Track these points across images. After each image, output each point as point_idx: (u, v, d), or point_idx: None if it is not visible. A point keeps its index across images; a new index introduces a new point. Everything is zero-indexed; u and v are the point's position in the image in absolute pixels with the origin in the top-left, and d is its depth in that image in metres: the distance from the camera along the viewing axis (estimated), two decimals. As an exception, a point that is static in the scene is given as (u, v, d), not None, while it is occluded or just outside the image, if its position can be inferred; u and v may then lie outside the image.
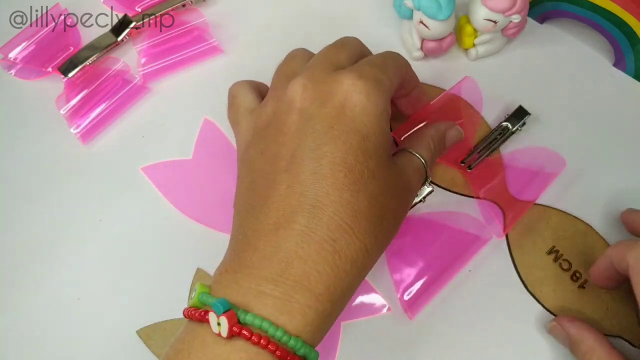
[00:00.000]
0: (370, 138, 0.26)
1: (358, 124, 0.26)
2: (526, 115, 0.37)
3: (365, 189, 0.25)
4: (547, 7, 0.40)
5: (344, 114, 0.26)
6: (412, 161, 0.30)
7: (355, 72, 0.27)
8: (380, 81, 0.27)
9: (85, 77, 0.39)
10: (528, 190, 0.35)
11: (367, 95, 0.26)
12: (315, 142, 0.25)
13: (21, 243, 0.36)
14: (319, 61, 0.29)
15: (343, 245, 0.24)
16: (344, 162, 0.25)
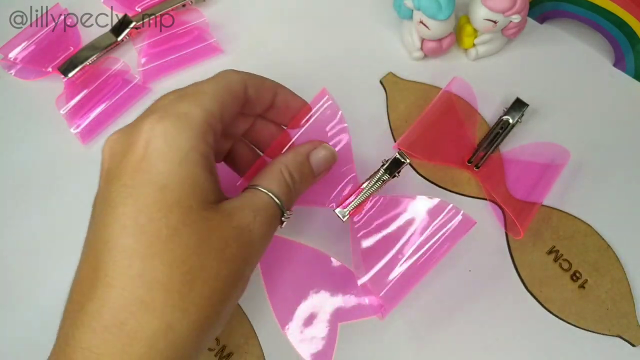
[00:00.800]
0: (171, 187, 0.22)
1: (154, 175, 0.22)
2: (525, 106, 0.37)
3: (163, 252, 0.21)
4: (547, 7, 0.40)
5: (140, 167, 0.22)
6: (253, 200, 0.25)
7: (158, 112, 0.23)
8: (185, 116, 0.23)
9: (85, 77, 0.39)
10: (537, 187, 0.35)
11: (164, 139, 0.22)
12: (110, 205, 0.22)
13: (21, 242, 0.36)
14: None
15: (134, 327, 0.20)
16: (135, 224, 0.21)
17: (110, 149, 0.24)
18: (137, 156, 0.23)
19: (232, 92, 0.26)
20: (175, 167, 0.22)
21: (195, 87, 0.25)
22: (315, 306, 0.33)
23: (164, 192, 0.22)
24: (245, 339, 0.32)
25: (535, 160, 0.36)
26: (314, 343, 0.32)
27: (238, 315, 0.33)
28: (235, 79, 0.26)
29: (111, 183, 0.23)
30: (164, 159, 0.22)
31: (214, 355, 0.32)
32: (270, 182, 0.26)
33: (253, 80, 0.27)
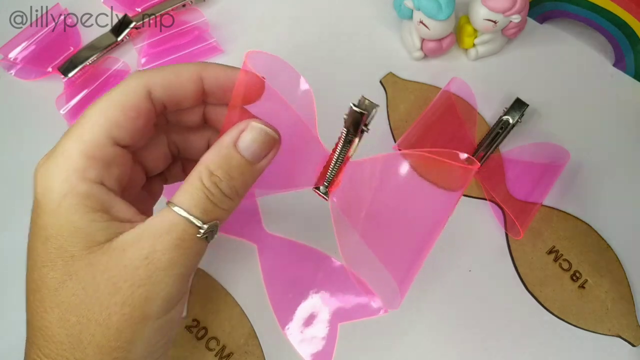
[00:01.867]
0: (52, 239, 0.21)
1: (40, 227, 0.21)
2: (524, 106, 0.37)
3: (53, 306, 0.21)
4: (547, 7, 0.40)
5: (33, 219, 0.22)
6: (154, 225, 0.21)
7: (49, 152, 0.22)
8: (62, 155, 0.21)
9: (85, 77, 0.39)
10: (537, 187, 0.35)
11: (44, 186, 0.21)
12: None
13: (21, 243, 0.35)
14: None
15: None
16: (31, 281, 0.21)
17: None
18: (34, 206, 0.22)
19: (126, 106, 0.22)
20: (52, 217, 0.21)
21: (82, 114, 0.22)
22: (315, 306, 0.33)
23: (46, 244, 0.21)
24: (245, 339, 0.32)
25: (535, 161, 0.36)
26: (314, 343, 0.32)
27: (238, 315, 0.33)
28: (131, 88, 0.23)
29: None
30: (42, 210, 0.21)
31: (214, 356, 0.32)
32: (183, 196, 0.22)
33: (161, 79, 0.23)
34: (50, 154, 0.22)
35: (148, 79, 0.23)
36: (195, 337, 0.32)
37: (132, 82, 0.23)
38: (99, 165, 0.22)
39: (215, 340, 0.32)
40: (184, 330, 0.32)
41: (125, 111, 0.22)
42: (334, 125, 0.26)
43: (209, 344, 0.32)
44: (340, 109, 0.38)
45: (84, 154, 0.21)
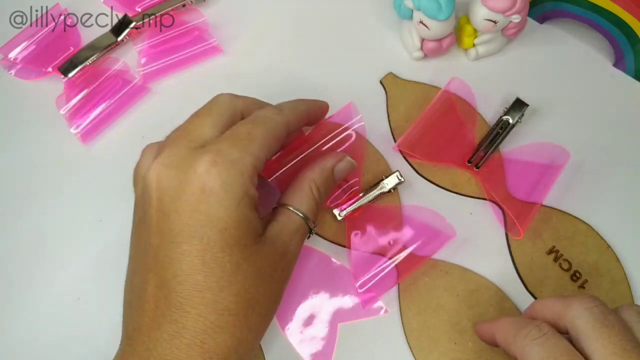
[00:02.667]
0: (230, 230, 0.25)
1: (214, 218, 0.25)
2: (524, 106, 0.37)
3: (229, 285, 0.25)
4: (547, 7, 0.40)
5: (199, 208, 0.25)
6: (288, 223, 0.29)
7: (211, 154, 0.25)
8: (239, 161, 0.26)
9: (85, 77, 0.39)
10: (537, 187, 0.35)
11: (222, 184, 0.25)
12: (174, 241, 0.25)
13: (21, 243, 0.36)
14: (176, 136, 0.28)
15: (212, 345, 0.24)
16: (202, 262, 0.24)
17: (159, 181, 0.26)
18: (194, 197, 0.25)
19: (278, 137, 0.28)
20: (233, 212, 0.25)
21: (246, 130, 0.27)
22: (315, 306, 0.33)
23: (224, 234, 0.25)
24: None
25: (535, 161, 0.36)
26: (314, 343, 0.32)
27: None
28: (280, 124, 0.29)
29: (169, 216, 0.25)
30: (221, 204, 0.25)
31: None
32: (300, 202, 0.29)
33: (294, 122, 0.30)
34: (219, 159, 0.25)
35: (288, 119, 0.29)
36: None
37: (279, 119, 0.29)
38: (257, 175, 0.27)
39: None
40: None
41: (276, 141, 0.28)
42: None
43: None
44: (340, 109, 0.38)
45: (254, 167, 0.26)
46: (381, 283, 0.33)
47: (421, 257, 0.33)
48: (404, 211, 0.35)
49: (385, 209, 0.35)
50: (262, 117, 0.28)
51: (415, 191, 0.36)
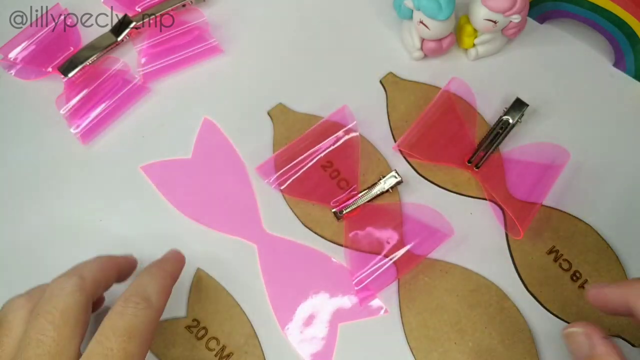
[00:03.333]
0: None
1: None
2: (524, 106, 0.37)
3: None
4: (547, 7, 0.40)
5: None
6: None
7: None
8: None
9: (85, 77, 0.39)
10: (537, 187, 0.35)
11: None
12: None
13: (21, 243, 0.36)
14: (32, 356, 0.24)
15: None
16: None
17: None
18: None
19: (149, 343, 0.26)
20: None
21: (121, 348, 0.24)
22: (315, 306, 0.33)
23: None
24: (245, 339, 0.32)
25: (535, 161, 0.36)
26: (314, 343, 0.32)
27: (238, 315, 0.33)
28: (154, 324, 0.26)
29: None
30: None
31: (214, 356, 0.32)
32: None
33: (102, 289, 0.28)
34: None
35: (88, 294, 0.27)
36: (195, 337, 0.32)
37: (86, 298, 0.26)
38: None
39: (215, 340, 0.32)
40: (184, 330, 0.32)
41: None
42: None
43: (208, 344, 0.32)
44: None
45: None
46: (378, 280, 0.33)
47: (419, 255, 0.33)
48: (404, 209, 0.35)
49: (384, 208, 0.35)
50: (132, 320, 0.25)
51: (415, 191, 0.36)
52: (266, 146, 0.37)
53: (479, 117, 0.38)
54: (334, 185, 0.35)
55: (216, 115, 0.38)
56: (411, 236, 0.34)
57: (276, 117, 0.38)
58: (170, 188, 0.36)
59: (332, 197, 0.35)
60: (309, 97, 0.39)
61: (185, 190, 0.36)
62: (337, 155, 0.36)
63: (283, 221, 0.35)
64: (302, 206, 0.35)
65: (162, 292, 0.27)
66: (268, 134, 0.38)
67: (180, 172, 0.37)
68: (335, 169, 0.36)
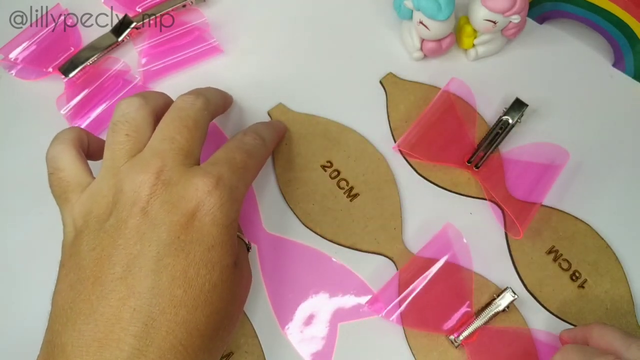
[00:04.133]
0: (216, 248, 0.25)
1: (205, 235, 0.25)
2: (524, 106, 0.37)
3: (204, 304, 0.24)
4: (546, 7, 0.40)
5: (192, 224, 0.25)
6: (244, 250, 0.30)
7: (213, 176, 0.26)
8: (236, 190, 0.27)
9: (85, 77, 0.39)
10: (536, 187, 0.35)
11: (220, 207, 0.25)
12: (157, 253, 0.24)
13: (21, 244, 0.36)
14: (170, 149, 0.26)
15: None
16: (184, 277, 0.24)
17: (152, 192, 0.25)
18: (189, 213, 0.25)
19: (261, 168, 0.31)
20: (223, 232, 0.26)
21: (242, 159, 0.28)
22: (315, 306, 0.33)
23: (210, 251, 0.25)
24: (245, 338, 0.32)
25: (534, 161, 0.36)
26: (314, 343, 0.32)
27: (238, 315, 0.33)
28: (265, 156, 0.32)
29: (158, 228, 0.25)
30: (216, 224, 0.25)
31: (215, 355, 0.32)
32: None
33: (271, 151, 0.35)
34: (220, 183, 0.26)
35: (269, 150, 0.33)
36: None
37: (264, 151, 0.32)
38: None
39: None
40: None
41: (259, 171, 0.32)
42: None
43: None
44: (341, 109, 0.39)
45: (244, 196, 0.28)
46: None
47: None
48: (535, 336, 0.32)
49: (510, 332, 0.32)
50: (252, 147, 0.30)
51: (415, 191, 0.36)
52: (266, 146, 0.37)
53: (479, 117, 0.38)
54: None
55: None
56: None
57: (276, 117, 0.38)
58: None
59: (443, 322, 0.32)
60: (309, 97, 0.39)
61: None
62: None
63: (283, 221, 0.35)
64: (302, 206, 0.35)
65: (273, 138, 0.33)
66: (268, 134, 0.38)
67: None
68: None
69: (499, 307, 0.32)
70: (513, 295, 0.32)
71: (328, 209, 0.35)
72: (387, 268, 0.34)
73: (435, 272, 0.33)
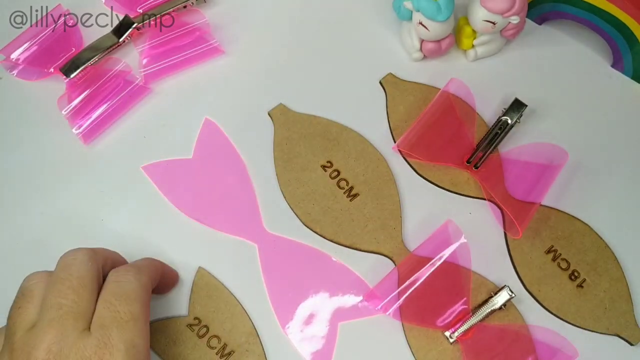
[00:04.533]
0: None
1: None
2: (523, 107, 0.37)
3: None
4: (545, 8, 0.40)
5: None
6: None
7: (104, 344, 0.25)
8: (133, 349, 0.26)
9: (86, 77, 0.39)
10: (535, 187, 0.35)
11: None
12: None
13: (22, 243, 0.36)
14: (57, 317, 0.26)
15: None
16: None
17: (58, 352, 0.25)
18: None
19: (148, 302, 0.29)
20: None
21: (127, 310, 0.27)
22: (315, 305, 0.33)
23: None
24: (246, 337, 0.32)
25: (533, 161, 0.36)
26: (314, 342, 0.32)
27: (239, 314, 0.33)
28: (147, 290, 0.29)
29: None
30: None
31: (216, 354, 0.32)
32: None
33: (153, 283, 0.30)
34: (112, 348, 0.25)
35: (147, 282, 0.29)
36: (196, 335, 0.32)
37: (145, 284, 0.29)
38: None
39: (216, 338, 0.32)
40: (185, 329, 0.33)
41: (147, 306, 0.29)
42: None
43: (210, 342, 0.32)
44: (341, 109, 0.39)
45: (134, 345, 0.27)
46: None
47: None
48: (533, 334, 0.32)
49: (507, 329, 0.32)
50: (129, 286, 0.28)
51: (415, 191, 0.36)
52: (266, 147, 0.37)
53: (478, 118, 0.38)
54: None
55: (217, 115, 0.38)
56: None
57: (276, 117, 0.38)
58: (171, 188, 0.36)
59: (439, 318, 0.32)
60: (309, 97, 0.39)
61: (186, 190, 0.36)
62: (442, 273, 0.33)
63: (283, 221, 0.35)
64: (303, 206, 0.36)
65: (149, 266, 0.30)
66: (268, 134, 0.38)
67: (181, 172, 0.37)
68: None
69: (496, 305, 0.32)
70: (510, 293, 0.32)
71: (328, 209, 0.35)
72: (387, 267, 0.34)
73: (434, 268, 0.33)
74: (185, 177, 0.37)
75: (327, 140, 0.37)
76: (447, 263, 0.33)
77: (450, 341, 0.32)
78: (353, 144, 0.37)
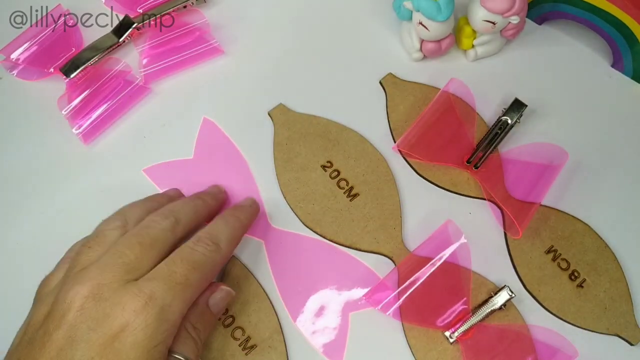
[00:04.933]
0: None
1: (123, 357, 0.24)
2: (523, 107, 0.37)
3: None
4: (545, 8, 0.40)
5: (112, 345, 0.24)
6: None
7: (144, 295, 0.25)
8: (169, 309, 0.26)
9: (86, 77, 0.39)
10: (535, 187, 0.35)
11: (144, 328, 0.25)
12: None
13: (22, 243, 0.36)
14: (112, 263, 0.26)
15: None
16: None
17: (82, 309, 0.25)
18: (111, 332, 0.24)
19: (212, 278, 0.29)
20: (144, 356, 0.25)
21: (183, 273, 0.27)
22: (325, 297, 0.33)
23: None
24: (270, 333, 0.32)
25: (533, 161, 0.36)
26: (327, 333, 0.33)
27: (267, 309, 0.33)
28: (217, 265, 0.29)
29: (77, 345, 0.24)
30: (136, 346, 0.24)
31: (238, 345, 0.32)
32: (182, 347, 0.27)
33: (230, 255, 0.31)
34: (151, 302, 0.25)
35: (224, 256, 0.30)
36: (222, 324, 0.32)
37: (217, 259, 0.29)
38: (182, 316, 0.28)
39: (240, 330, 0.32)
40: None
41: (209, 281, 0.30)
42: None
43: (234, 333, 0.32)
44: (340, 109, 0.39)
45: (181, 314, 0.27)
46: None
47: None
48: (534, 334, 0.32)
49: (507, 329, 0.32)
50: (200, 257, 0.28)
51: (415, 191, 0.36)
52: (266, 147, 0.37)
53: (478, 118, 0.38)
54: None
55: (217, 115, 0.38)
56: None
57: (276, 117, 0.38)
58: (172, 188, 0.36)
59: (439, 318, 0.32)
60: (309, 97, 0.39)
61: (188, 190, 0.36)
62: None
63: (283, 221, 0.35)
64: (303, 206, 0.36)
65: (232, 240, 0.31)
66: (268, 134, 0.38)
67: (182, 172, 0.37)
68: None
69: (496, 305, 0.32)
70: (510, 293, 0.32)
71: (328, 209, 0.35)
72: (387, 267, 0.34)
73: (434, 268, 0.33)
74: (187, 177, 0.37)
75: (327, 140, 0.37)
76: (447, 263, 0.33)
77: (450, 341, 0.32)
78: (353, 144, 0.37)
